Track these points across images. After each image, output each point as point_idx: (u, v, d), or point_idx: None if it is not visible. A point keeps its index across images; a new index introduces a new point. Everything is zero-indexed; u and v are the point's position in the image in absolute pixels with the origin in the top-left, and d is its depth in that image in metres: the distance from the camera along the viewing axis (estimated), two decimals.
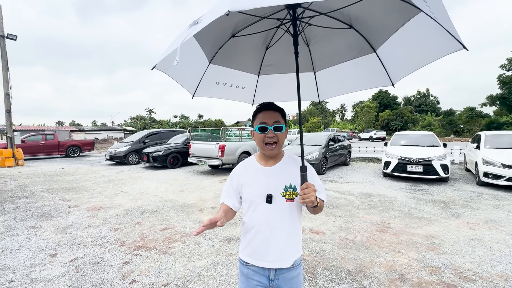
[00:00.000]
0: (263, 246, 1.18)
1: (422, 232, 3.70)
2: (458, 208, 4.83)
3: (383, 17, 1.44)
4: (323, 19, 1.54)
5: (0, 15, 12.16)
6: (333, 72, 1.88)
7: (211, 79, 1.85)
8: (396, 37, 1.44)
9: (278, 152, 1.23)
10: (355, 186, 6.81)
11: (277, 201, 1.16)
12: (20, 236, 3.68)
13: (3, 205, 5.27)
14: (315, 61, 1.90)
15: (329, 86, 2.01)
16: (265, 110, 1.21)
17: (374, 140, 32.09)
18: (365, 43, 1.63)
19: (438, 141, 8.11)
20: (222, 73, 1.86)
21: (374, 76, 1.75)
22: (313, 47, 1.81)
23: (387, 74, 1.68)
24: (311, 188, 1.05)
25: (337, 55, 1.80)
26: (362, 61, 1.71)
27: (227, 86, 1.94)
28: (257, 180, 1.21)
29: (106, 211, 4.80)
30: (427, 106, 52.01)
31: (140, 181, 7.69)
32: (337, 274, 2.67)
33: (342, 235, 3.64)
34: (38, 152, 14.81)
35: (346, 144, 10.88)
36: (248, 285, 1.22)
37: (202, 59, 1.70)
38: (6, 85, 12.21)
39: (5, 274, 2.71)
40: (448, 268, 2.76)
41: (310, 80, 1.99)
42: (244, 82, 1.98)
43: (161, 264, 2.90)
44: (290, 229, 1.19)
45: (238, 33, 1.64)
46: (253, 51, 1.83)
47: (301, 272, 1.25)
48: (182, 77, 1.73)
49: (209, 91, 1.91)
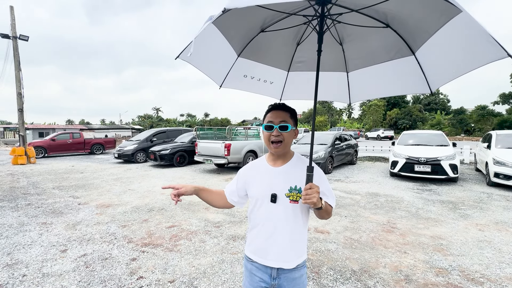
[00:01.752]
0: (266, 245, 1.20)
1: (429, 233, 3.66)
2: (467, 209, 4.74)
3: (422, 16, 1.34)
4: (356, 17, 1.45)
5: (12, 17, 12.48)
6: (367, 73, 1.78)
7: (239, 72, 1.84)
8: (436, 39, 1.33)
9: (284, 151, 1.23)
10: (361, 185, 6.75)
11: (281, 201, 1.17)
12: (32, 232, 3.80)
13: (16, 201, 5.44)
14: (348, 61, 1.82)
15: (362, 88, 1.91)
16: (274, 110, 1.22)
17: (381, 139, 31.68)
18: (403, 44, 1.53)
19: (447, 140, 7.96)
20: (250, 66, 1.84)
21: (412, 80, 1.62)
22: (347, 45, 1.73)
23: (426, 80, 1.55)
24: (315, 189, 1.05)
25: (372, 56, 1.71)
26: (399, 63, 1.61)
27: (255, 80, 1.92)
28: (264, 179, 1.23)
29: (115, 209, 4.90)
30: (436, 105, 50.98)
31: (148, 179, 7.81)
32: (341, 274, 2.67)
33: (347, 235, 3.63)
34: (66, 149, 15.48)
35: (353, 143, 10.78)
36: (251, 280, 1.25)
37: (230, 52, 1.69)
38: (19, 85, 12.54)
39: (18, 268, 2.81)
40: (455, 270, 2.73)
41: (342, 80, 1.90)
42: (273, 77, 1.95)
43: (168, 261, 2.95)
44: (293, 231, 1.19)
45: (267, 28, 1.61)
46: (284, 47, 1.79)
47: (304, 274, 1.25)
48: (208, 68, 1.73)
49: (237, 83, 1.90)
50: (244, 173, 1.32)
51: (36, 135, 31.16)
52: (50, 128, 35.69)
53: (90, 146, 16.37)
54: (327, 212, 1.16)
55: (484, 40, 1.06)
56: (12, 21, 12.46)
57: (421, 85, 1.59)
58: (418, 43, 1.46)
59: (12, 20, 12.46)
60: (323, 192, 1.18)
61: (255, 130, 10.94)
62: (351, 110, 63.03)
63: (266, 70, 1.90)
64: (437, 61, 1.49)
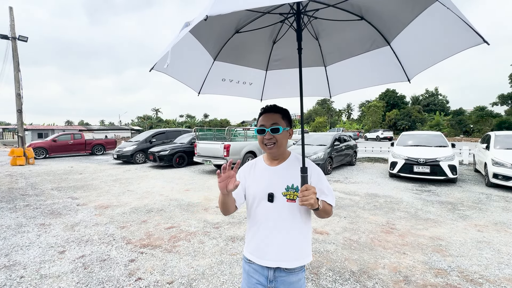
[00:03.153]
0: (263, 244, 1.19)
1: (428, 234, 3.66)
2: (466, 209, 4.75)
3: (395, 7, 1.37)
4: (331, 11, 1.46)
5: (11, 17, 12.47)
6: (345, 66, 1.80)
7: (216, 76, 1.82)
8: (411, 29, 1.36)
9: (278, 153, 1.23)
10: (360, 186, 6.75)
11: (278, 200, 1.16)
12: (30, 233, 3.78)
13: (14, 202, 5.42)
14: (325, 55, 1.82)
15: (341, 81, 1.93)
16: (265, 113, 1.23)
17: (381, 140, 31.72)
18: (378, 35, 1.55)
19: (446, 141, 7.98)
20: (228, 69, 1.82)
21: (389, 70, 1.65)
22: (323, 40, 1.74)
23: (403, 69, 1.58)
24: (311, 190, 1.05)
25: (348, 49, 1.72)
26: (376, 54, 1.63)
27: (234, 83, 1.90)
28: (261, 178, 1.23)
29: (113, 210, 4.89)
30: (435, 106, 51.11)
31: (147, 180, 7.80)
32: (340, 275, 2.66)
33: (346, 235, 3.63)
34: (68, 150, 15.53)
35: (352, 144, 10.79)
36: (248, 282, 1.24)
37: (206, 57, 1.67)
38: (18, 86, 12.52)
39: (16, 269, 2.80)
40: (454, 271, 2.73)
41: (321, 75, 1.91)
42: (252, 78, 1.94)
43: (166, 262, 2.94)
44: (291, 230, 1.17)
45: (242, 28, 1.60)
46: (260, 46, 1.78)
47: (302, 278, 1.22)
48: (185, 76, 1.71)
49: (215, 88, 1.88)
50: (243, 174, 1.31)
51: (35, 136, 31.11)
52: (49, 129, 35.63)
53: (91, 147, 16.44)
54: (326, 212, 1.15)
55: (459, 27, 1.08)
56: (11, 22, 12.45)
57: (398, 74, 1.62)
58: (393, 34, 1.49)
59: (11, 21, 12.45)
60: (322, 190, 1.18)
61: (254, 131, 10.93)
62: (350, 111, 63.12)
63: (244, 71, 1.89)
64: (413, 50, 1.52)
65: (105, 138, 19.48)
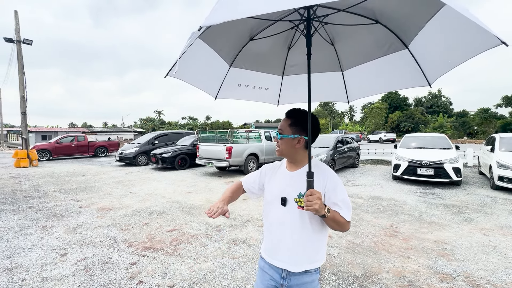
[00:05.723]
0: (275, 245, 1.23)
1: (432, 238, 3.60)
2: (471, 213, 4.68)
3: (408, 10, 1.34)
4: (343, 16, 1.43)
5: (16, 21, 12.63)
6: (363, 71, 1.76)
7: (233, 82, 1.85)
8: (427, 32, 1.32)
9: (284, 156, 1.27)
10: (363, 189, 6.70)
11: (290, 205, 1.18)
12: (33, 236, 3.79)
13: (17, 204, 5.44)
14: (342, 60, 1.80)
15: (359, 86, 1.88)
16: (284, 117, 1.28)
17: (383, 142, 31.54)
18: (395, 39, 1.51)
19: (450, 143, 7.90)
20: (243, 75, 1.85)
21: (408, 74, 1.60)
22: (338, 44, 1.71)
23: (423, 73, 1.53)
24: (316, 195, 1.03)
25: (365, 53, 1.69)
26: (394, 58, 1.58)
27: (250, 88, 1.93)
28: (278, 181, 1.26)
29: (115, 212, 4.89)
30: (439, 107, 50.85)
31: (149, 182, 7.81)
32: (344, 279, 2.63)
33: (349, 239, 3.59)
34: (71, 152, 15.69)
35: (355, 146, 10.73)
36: (262, 277, 1.27)
37: (221, 64, 1.70)
38: (22, 88, 12.64)
39: (18, 272, 2.80)
40: (460, 276, 2.68)
41: (338, 80, 1.89)
42: (268, 83, 1.96)
43: (168, 265, 2.93)
44: (302, 236, 1.17)
45: (256, 36, 1.62)
46: (275, 53, 1.79)
47: (316, 280, 1.21)
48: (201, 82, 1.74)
49: (232, 93, 1.92)
50: (266, 171, 1.37)
51: (39, 138, 31.35)
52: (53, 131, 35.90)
53: (94, 149, 16.59)
54: (337, 223, 1.11)
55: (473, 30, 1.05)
56: (16, 25, 12.61)
57: (419, 78, 1.57)
58: (410, 36, 1.45)
59: (16, 24, 12.61)
60: (335, 203, 1.14)
61: (256, 133, 10.92)
62: (352, 113, 62.98)
63: (260, 77, 1.91)
64: (431, 53, 1.47)
65: (108, 140, 19.64)
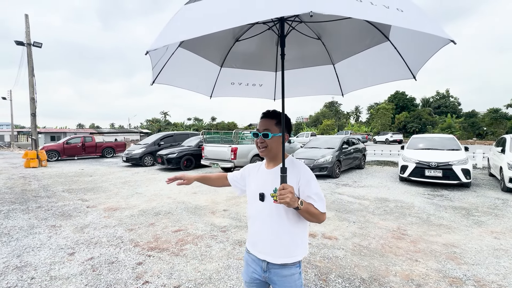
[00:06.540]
0: (255, 237, 1.33)
1: (441, 240, 3.53)
2: (481, 215, 4.58)
3: None
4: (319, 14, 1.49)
5: (27, 24, 12.91)
6: (352, 63, 1.77)
7: (226, 81, 1.90)
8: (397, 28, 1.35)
9: (270, 155, 1.33)
10: (370, 190, 6.62)
11: (268, 200, 1.26)
12: (41, 235, 3.85)
13: (27, 204, 5.55)
14: (331, 53, 1.80)
15: (351, 79, 1.90)
16: (262, 118, 1.33)
17: (390, 143, 31.14)
18: (376, 31, 1.50)
19: (459, 144, 7.75)
20: (236, 74, 1.90)
21: (394, 67, 1.62)
22: (325, 38, 1.71)
23: (406, 65, 1.54)
24: (287, 190, 1.09)
25: (352, 46, 1.69)
26: (378, 50, 1.58)
27: (243, 85, 1.98)
28: (257, 179, 1.36)
29: (122, 212, 4.94)
30: (447, 108, 49.99)
31: (155, 183, 7.87)
32: (350, 282, 2.60)
33: (356, 241, 3.54)
34: (79, 153, 16.01)
35: (361, 147, 10.63)
36: (247, 270, 1.38)
37: (211, 66, 1.76)
38: (32, 90, 12.92)
39: (27, 271, 2.84)
40: (470, 280, 2.62)
41: (330, 73, 1.90)
42: (261, 80, 2.00)
43: (173, 265, 2.94)
44: (279, 229, 1.24)
45: (241, 37, 1.65)
46: (264, 50, 1.80)
47: (297, 273, 1.26)
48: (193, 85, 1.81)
49: (226, 91, 1.99)
50: (249, 170, 1.46)
51: (48, 139, 31.94)
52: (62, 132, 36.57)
53: (101, 150, 16.86)
54: (311, 214, 1.18)
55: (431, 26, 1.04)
56: (26, 28, 12.89)
57: (403, 71, 1.58)
58: (387, 28, 1.45)
59: (26, 28, 12.89)
60: (309, 196, 1.20)
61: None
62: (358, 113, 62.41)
63: (252, 74, 1.95)
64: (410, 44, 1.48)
65: (114, 141, 19.89)
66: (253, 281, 1.34)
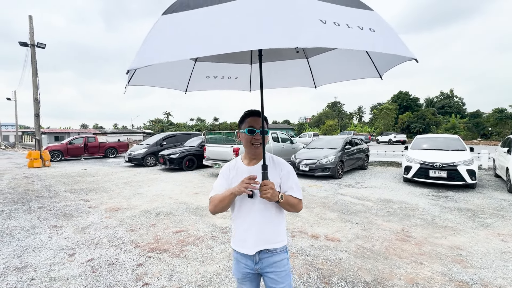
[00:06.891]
0: (245, 235, 1.36)
1: (447, 243, 3.46)
2: (487, 217, 4.49)
3: None
4: None
5: (31, 26, 13.00)
6: (325, 59, 1.88)
7: (200, 75, 1.93)
8: None
9: (259, 152, 1.37)
10: (373, 191, 6.55)
11: (256, 196, 1.32)
12: (42, 235, 3.84)
13: (29, 204, 5.56)
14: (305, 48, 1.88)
15: (324, 73, 2.02)
16: (252, 116, 1.38)
17: (393, 143, 30.92)
18: None
19: (463, 144, 7.64)
20: (211, 67, 1.93)
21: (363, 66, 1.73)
22: None
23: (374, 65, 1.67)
24: (269, 186, 1.22)
25: None
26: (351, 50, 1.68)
27: (218, 78, 2.03)
28: (241, 177, 1.34)
29: (123, 212, 4.92)
30: (451, 108, 49.57)
31: (157, 183, 7.86)
32: (353, 285, 2.54)
33: (359, 243, 3.48)
34: (82, 153, 16.12)
35: (364, 148, 10.53)
36: (238, 267, 1.42)
37: (185, 61, 1.77)
38: (35, 91, 13.00)
39: (27, 271, 2.83)
40: (477, 284, 2.55)
41: (304, 67, 2.00)
42: (236, 72, 2.04)
43: (174, 267, 2.90)
44: (266, 220, 1.35)
45: None
46: None
47: (285, 259, 1.39)
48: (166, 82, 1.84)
49: (201, 85, 2.03)
50: (229, 172, 1.44)
51: (52, 139, 32.16)
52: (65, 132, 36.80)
53: (104, 150, 16.95)
54: (290, 205, 1.33)
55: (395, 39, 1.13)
56: (30, 29, 12.99)
57: (371, 71, 1.72)
58: None
59: (30, 29, 12.99)
60: (290, 186, 1.35)
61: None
62: (361, 114, 62.11)
63: (227, 67, 1.98)
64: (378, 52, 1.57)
65: (117, 141, 19.98)
66: (245, 276, 1.40)
